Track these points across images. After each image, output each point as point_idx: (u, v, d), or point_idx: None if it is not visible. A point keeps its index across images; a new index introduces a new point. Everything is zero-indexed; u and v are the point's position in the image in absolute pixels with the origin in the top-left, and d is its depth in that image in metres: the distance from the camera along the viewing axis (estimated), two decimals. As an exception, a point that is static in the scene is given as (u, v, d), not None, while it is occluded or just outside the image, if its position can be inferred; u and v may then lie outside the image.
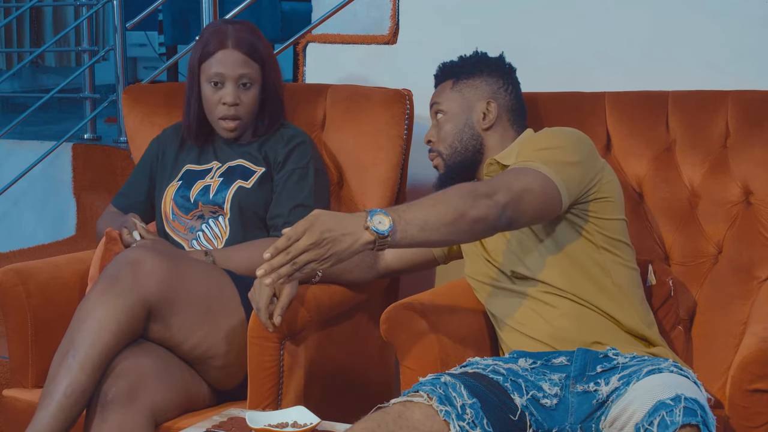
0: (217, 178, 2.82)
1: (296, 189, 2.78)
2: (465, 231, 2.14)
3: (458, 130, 2.54)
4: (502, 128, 2.54)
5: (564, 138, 2.39)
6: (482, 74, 2.57)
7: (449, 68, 2.61)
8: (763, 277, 2.56)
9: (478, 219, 2.12)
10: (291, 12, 5.39)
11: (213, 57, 2.79)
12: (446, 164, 2.55)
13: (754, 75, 2.83)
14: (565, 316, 2.36)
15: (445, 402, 2.08)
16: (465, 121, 2.54)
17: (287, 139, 2.84)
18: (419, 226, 2.07)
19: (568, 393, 2.24)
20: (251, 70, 2.80)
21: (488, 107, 2.53)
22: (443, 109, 2.56)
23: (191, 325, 2.54)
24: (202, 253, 2.70)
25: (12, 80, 6.58)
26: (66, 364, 2.40)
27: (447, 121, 2.55)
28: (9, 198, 4.57)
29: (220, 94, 2.79)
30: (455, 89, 2.56)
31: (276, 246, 2.02)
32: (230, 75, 2.79)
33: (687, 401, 1.96)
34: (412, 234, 2.07)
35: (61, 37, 5.76)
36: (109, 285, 2.45)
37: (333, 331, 2.66)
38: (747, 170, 2.61)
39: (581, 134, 2.44)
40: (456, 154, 2.53)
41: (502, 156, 2.48)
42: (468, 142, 2.53)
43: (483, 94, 2.55)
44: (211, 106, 2.81)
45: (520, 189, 2.20)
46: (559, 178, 2.28)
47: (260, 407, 2.47)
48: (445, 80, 2.60)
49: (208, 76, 2.80)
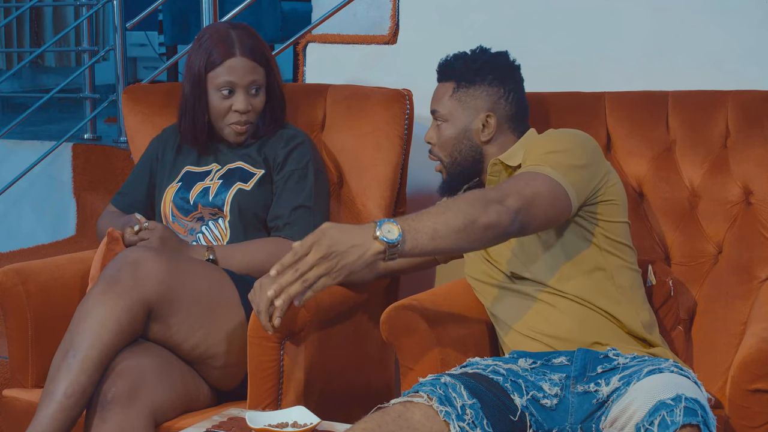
0: (216, 180, 2.82)
1: (296, 190, 2.77)
2: (476, 238, 2.12)
3: (457, 141, 2.53)
4: (502, 137, 2.53)
5: (571, 140, 2.39)
6: (483, 83, 2.53)
7: (451, 69, 2.57)
8: (763, 277, 2.56)
9: (489, 225, 2.11)
10: (291, 12, 5.39)
11: (221, 66, 2.78)
12: (448, 172, 2.56)
13: (754, 75, 2.83)
14: (566, 316, 2.36)
15: (445, 402, 2.08)
16: (464, 132, 2.52)
17: (286, 140, 2.84)
18: (429, 234, 2.05)
19: (568, 393, 2.24)
20: (259, 75, 2.80)
21: (487, 120, 2.51)
22: (443, 116, 2.54)
23: (191, 325, 2.54)
24: (204, 247, 2.70)
25: (12, 80, 6.57)
26: (66, 364, 2.40)
27: (446, 129, 2.54)
28: (9, 198, 4.56)
29: (231, 102, 2.78)
30: (455, 97, 2.54)
31: (282, 262, 1.99)
32: (241, 83, 2.78)
33: (687, 401, 1.96)
34: (423, 242, 2.05)
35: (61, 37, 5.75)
36: (109, 285, 2.45)
37: (333, 331, 2.66)
38: (747, 170, 2.61)
39: (587, 136, 2.44)
40: (456, 164, 2.53)
41: (506, 156, 2.48)
42: (467, 153, 2.53)
43: (483, 105, 2.52)
44: (221, 114, 2.80)
45: (530, 194, 2.20)
46: (568, 182, 2.28)
47: (260, 407, 2.47)
48: (445, 80, 2.57)
49: (218, 85, 2.78)
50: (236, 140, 2.84)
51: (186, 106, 2.84)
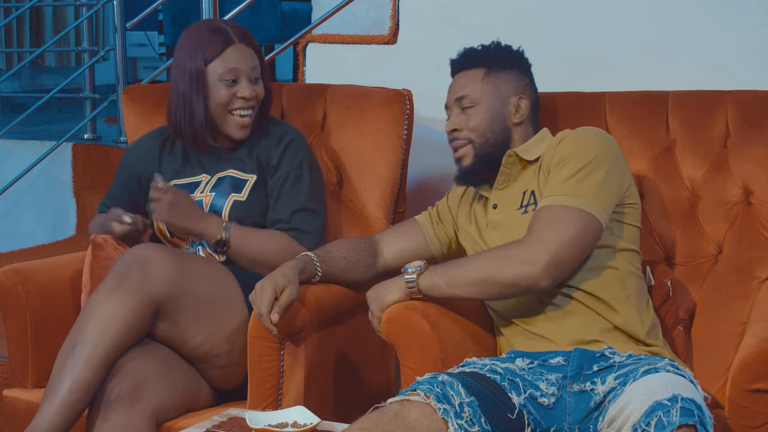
0: (209, 193, 2.76)
1: (293, 192, 2.74)
2: (495, 293, 2.34)
3: (492, 122, 2.51)
4: (527, 124, 2.55)
5: (592, 148, 2.38)
6: (513, 69, 2.56)
7: (478, 57, 2.57)
8: (763, 277, 2.56)
9: (507, 284, 2.29)
10: (291, 12, 5.39)
11: (222, 55, 2.74)
12: (476, 154, 2.51)
13: (754, 75, 2.83)
14: (567, 314, 2.36)
15: (443, 400, 2.09)
16: (498, 114, 2.52)
17: (278, 139, 2.79)
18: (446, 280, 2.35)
19: (565, 393, 2.24)
20: (257, 63, 2.78)
21: (519, 102, 2.53)
22: (475, 99, 2.52)
23: (197, 324, 2.54)
24: (219, 222, 2.65)
25: (12, 80, 6.57)
26: (72, 360, 2.39)
27: (480, 112, 2.52)
28: (9, 198, 4.56)
29: (235, 90, 2.74)
30: (486, 81, 2.53)
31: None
32: (244, 69, 2.74)
33: (684, 401, 1.97)
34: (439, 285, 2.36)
35: (61, 37, 5.76)
36: (118, 282, 2.45)
37: (333, 331, 2.65)
38: (747, 170, 2.61)
39: (606, 136, 2.45)
40: (487, 145, 2.51)
41: (522, 150, 2.49)
42: (498, 135, 2.52)
43: (515, 88, 2.54)
44: (225, 104, 2.74)
45: (559, 244, 2.27)
46: (599, 207, 2.32)
47: (260, 407, 2.47)
48: (473, 68, 2.56)
49: (220, 74, 2.73)
50: (239, 135, 2.77)
51: (184, 105, 2.76)
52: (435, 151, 3.19)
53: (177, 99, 2.79)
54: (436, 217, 2.66)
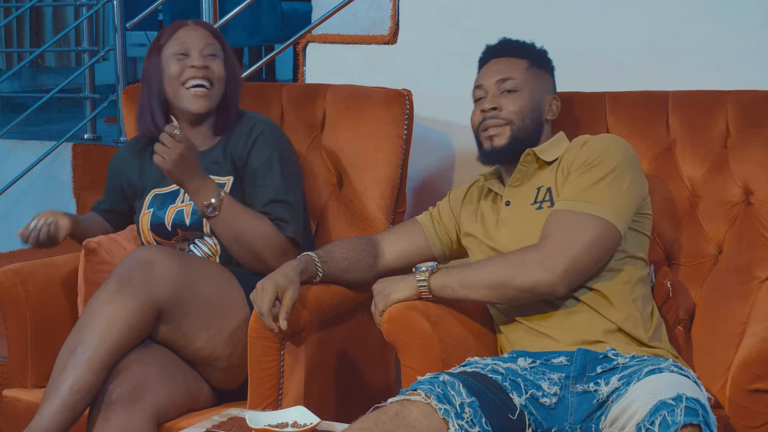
0: (188, 202, 2.72)
1: (264, 186, 2.70)
2: (511, 297, 2.34)
3: (532, 109, 2.53)
4: (552, 124, 2.58)
5: (616, 156, 2.39)
6: (549, 71, 2.61)
7: (523, 48, 2.60)
8: (763, 277, 2.56)
9: (524, 288, 2.29)
10: (291, 12, 5.39)
11: (173, 37, 2.76)
12: (512, 135, 2.50)
13: (754, 75, 2.82)
14: (572, 314, 2.36)
15: (443, 400, 2.08)
16: (537, 104, 2.54)
17: (247, 133, 2.76)
18: (458, 281, 2.34)
19: (568, 393, 2.24)
20: (214, 45, 2.78)
21: (553, 102, 2.56)
22: (519, 85, 2.53)
23: (199, 327, 2.54)
24: (217, 188, 2.60)
25: (12, 80, 6.57)
26: (73, 361, 2.39)
27: (523, 98, 2.52)
28: (9, 198, 4.57)
29: (186, 62, 2.73)
30: (530, 72, 2.55)
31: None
32: (196, 45, 2.75)
33: (688, 401, 1.97)
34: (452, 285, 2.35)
35: (61, 37, 5.76)
36: (121, 285, 2.44)
37: (333, 331, 2.65)
38: (747, 170, 2.61)
39: (627, 144, 2.46)
40: (523, 130, 2.51)
41: (540, 150, 2.50)
42: (533, 125, 2.53)
43: (550, 87, 2.59)
44: (177, 76, 2.73)
45: (577, 251, 2.28)
46: (618, 215, 2.33)
47: (260, 407, 2.47)
48: (516, 57, 2.57)
49: (173, 52, 2.74)
50: (195, 107, 2.73)
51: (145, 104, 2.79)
52: (435, 151, 3.20)
53: (141, 104, 2.82)
54: (437, 217, 2.66)
